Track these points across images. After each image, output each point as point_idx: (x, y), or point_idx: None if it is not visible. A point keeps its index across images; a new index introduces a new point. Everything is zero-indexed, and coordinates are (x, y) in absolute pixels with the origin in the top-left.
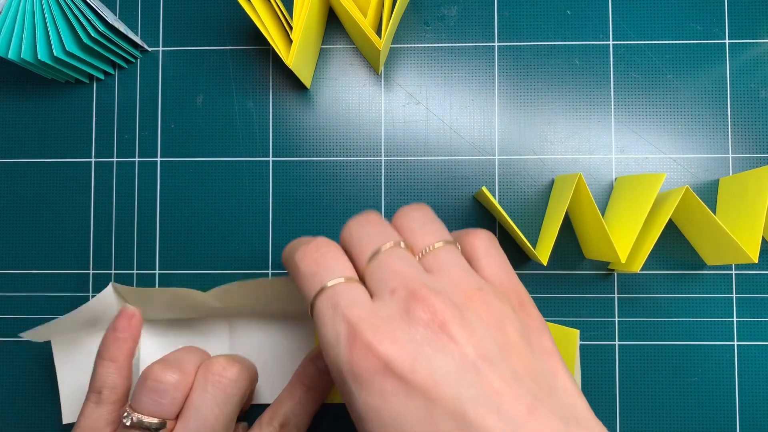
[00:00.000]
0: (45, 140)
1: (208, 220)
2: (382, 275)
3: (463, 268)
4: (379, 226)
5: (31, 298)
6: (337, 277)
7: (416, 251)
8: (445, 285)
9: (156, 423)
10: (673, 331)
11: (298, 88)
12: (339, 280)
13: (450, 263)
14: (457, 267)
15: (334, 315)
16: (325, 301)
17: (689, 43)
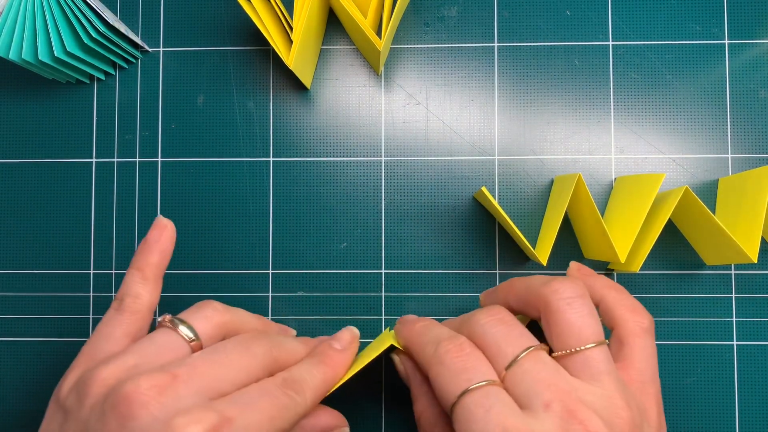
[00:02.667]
0: (45, 140)
1: (208, 220)
2: (530, 384)
3: (615, 379)
4: (513, 326)
5: (31, 298)
6: (485, 378)
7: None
8: (599, 400)
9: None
10: (672, 330)
11: (299, 89)
12: (488, 381)
13: (602, 371)
14: (610, 377)
15: (486, 417)
16: (477, 401)
17: (688, 44)
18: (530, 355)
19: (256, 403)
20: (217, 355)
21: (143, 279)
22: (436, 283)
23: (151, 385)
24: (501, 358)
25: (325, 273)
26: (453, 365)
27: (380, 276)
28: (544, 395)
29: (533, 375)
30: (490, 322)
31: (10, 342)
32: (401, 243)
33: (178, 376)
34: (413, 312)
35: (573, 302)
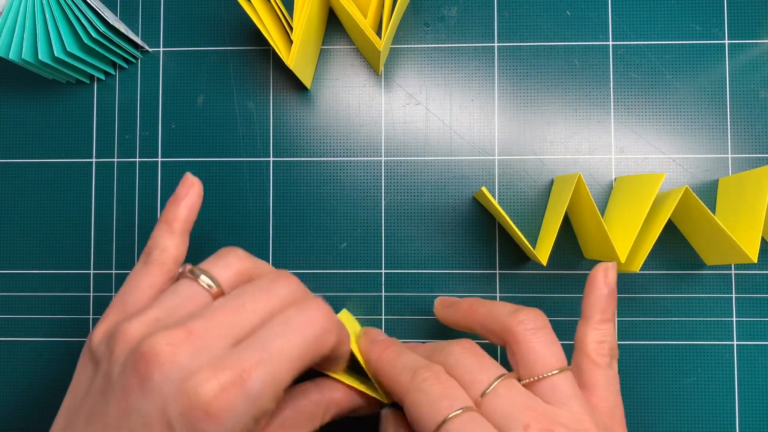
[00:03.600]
0: (45, 140)
1: (208, 220)
2: (507, 409)
3: (582, 403)
4: (483, 357)
5: (31, 298)
6: (464, 404)
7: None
8: (570, 423)
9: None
10: (672, 330)
11: (299, 89)
12: (466, 408)
13: (569, 395)
14: (576, 400)
15: None
16: (458, 427)
17: (689, 44)
18: (504, 382)
19: (276, 344)
20: (236, 300)
21: (170, 232)
22: (436, 283)
23: (167, 342)
24: (476, 385)
25: (325, 273)
26: (432, 392)
27: (380, 276)
28: (521, 419)
29: (509, 400)
30: (463, 353)
31: (10, 342)
32: (401, 243)
33: (194, 331)
34: (413, 312)
35: (537, 332)
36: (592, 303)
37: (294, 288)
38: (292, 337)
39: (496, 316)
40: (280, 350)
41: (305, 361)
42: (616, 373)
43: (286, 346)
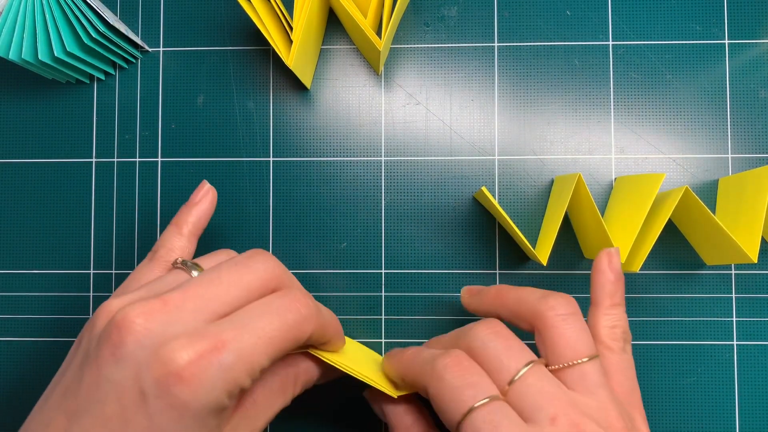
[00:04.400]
0: (45, 140)
1: (209, 220)
2: (534, 398)
3: (608, 391)
4: (511, 339)
5: (31, 298)
6: (489, 394)
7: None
8: (596, 412)
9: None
10: (672, 330)
11: (299, 89)
12: (492, 397)
13: (597, 384)
14: (603, 390)
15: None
16: (484, 418)
17: (689, 44)
18: (533, 369)
19: (254, 323)
20: (213, 273)
21: (179, 234)
22: (436, 283)
23: (140, 311)
24: (504, 372)
25: (325, 273)
26: (454, 381)
27: (380, 276)
28: (549, 409)
29: (537, 389)
30: (489, 335)
31: (10, 342)
32: (401, 243)
33: (169, 301)
34: (413, 312)
35: (568, 318)
36: (599, 289)
37: (271, 265)
38: (271, 319)
39: (526, 301)
40: (257, 329)
41: (283, 344)
42: (630, 356)
43: (266, 327)
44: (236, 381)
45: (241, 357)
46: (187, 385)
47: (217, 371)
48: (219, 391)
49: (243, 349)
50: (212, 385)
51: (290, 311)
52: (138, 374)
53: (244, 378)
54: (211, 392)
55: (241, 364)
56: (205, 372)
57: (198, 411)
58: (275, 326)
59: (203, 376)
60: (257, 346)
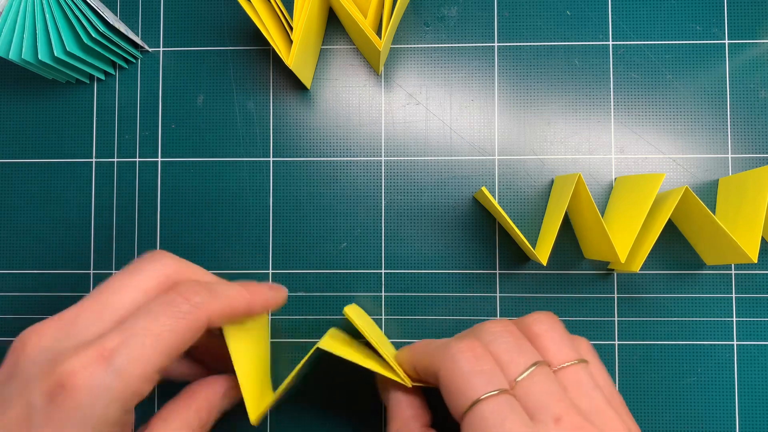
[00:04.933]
0: (45, 140)
1: (208, 220)
2: (540, 397)
3: (601, 394)
4: (522, 339)
5: (31, 298)
6: (501, 386)
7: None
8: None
9: None
10: (672, 330)
11: (299, 89)
12: (502, 390)
13: (590, 386)
14: (596, 392)
15: (502, 427)
16: (493, 409)
17: (689, 44)
18: (540, 369)
19: (139, 324)
20: (107, 282)
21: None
22: (436, 283)
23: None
24: (512, 366)
25: (325, 273)
26: (466, 366)
27: (380, 276)
28: (554, 409)
29: (544, 388)
30: (502, 332)
31: (10, 342)
32: (401, 243)
33: (63, 317)
34: (413, 312)
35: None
36: None
37: (164, 263)
38: (155, 317)
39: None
40: (144, 329)
41: (175, 338)
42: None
43: (150, 326)
44: (130, 387)
45: (131, 360)
46: (70, 394)
47: (106, 378)
48: (108, 400)
49: (132, 352)
50: (99, 393)
51: (175, 305)
52: (26, 389)
53: (140, 383)
54: (97, 401)
55: (133, 368)
56: (91, 380)
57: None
58: (161, 322)
59: (88, 384)
60: (145, 347)
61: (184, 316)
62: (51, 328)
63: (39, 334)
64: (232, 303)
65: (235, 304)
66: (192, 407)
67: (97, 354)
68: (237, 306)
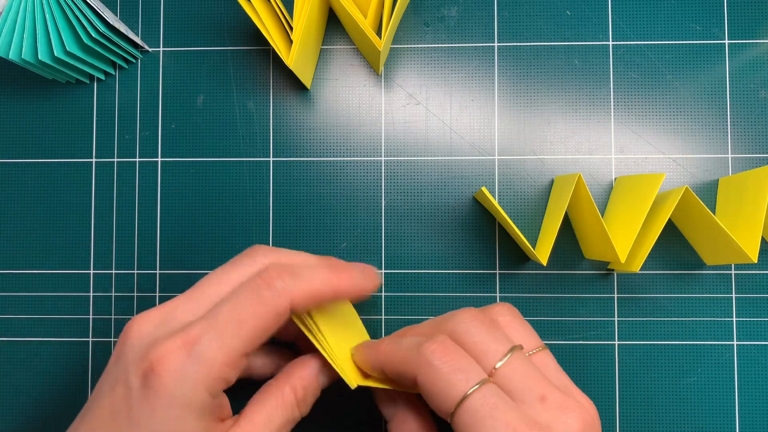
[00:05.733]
0: (45, 140)
1: (208, 220)
2: (522, 380)
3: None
4: (492, 326)
5: (31, 298)
6: (481, 377)
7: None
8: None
9: None
10: (672, 330)
11: (299, 89)
12: (484, 380)
13: (555, 368)
14: (562, 373)
15: (493, 416)
16: (480, 401)
17: (689, 44)
18: (517, 354)
19: (221, 311)
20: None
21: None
22: (436, 283)
23: (138, 319)
24: (490, 356)
25: None
26: (445, 366)
27: (380, 276)
28: (536, 390)
29: (522, 371)
30: (474, 322)
31: (10, 342)
32: (401, 243)
33: (164, 307)
34: (413, 312)
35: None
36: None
37: (259, 258)
38: (236, 304)
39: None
40: (226, 315)
41: (256, 323)
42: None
43: (233, 311)
44: (214, 373)
45: (212, 347)
46: (158, 377)
47: (187, 363)
48: (193, 383)
49: (213, 340)
50: (184, 377)
51: (257, 291)
52: (126, 371)
53: (221, 368)
54: (182, 384)
55: (216, 354)
56: (176, 365)
57: (170, 406)
58: (243, 308)
59: (174, 368)
60: (227, 333)
61: (265, 301)
62: (153, 317)
63: (141, 321)
64: (318, 288)
65: (320, 288)
66: (288, 384)
67: (182, 341)
68: (323, 291)
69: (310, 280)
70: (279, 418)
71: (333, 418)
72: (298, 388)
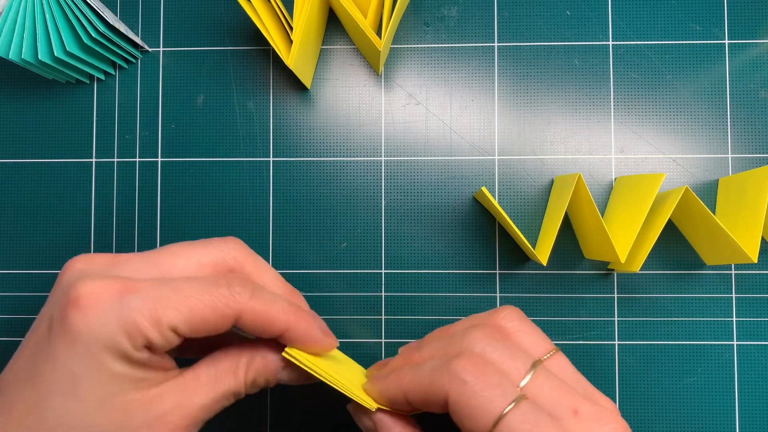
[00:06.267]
0: (45, 140)
1: (209, 220)
2: (551, 395)
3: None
4: (506, 342)
5: (31, 298)
6: (515, 394)
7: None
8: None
9: None
10: (672, 330)
11: (299, 89)
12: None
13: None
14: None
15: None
16: (520, 418)
17: (689, 44)
18: (540, 368)
19: (175, 282)
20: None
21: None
22: (436, 283)
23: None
24: (513, 373)
25: (325, 273)
26: (478, 382)
27: (380, 276)
28: (566, 403)
29: (549, 386)
30: (488, 340)
31: (10, 342)
32: (401, 243)
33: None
34: (413, 312)
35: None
36: None
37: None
38: (193, 284)
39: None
40: (172, 286)
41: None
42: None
43: (183, 287)
44: (137, 325)
45: (147, 304)
46: (80, 311)
47: (116, 306)
48: (113, 327)
49: (152, 298)
50: (106, 317)
51: (215, 285)
52: (54, 305)
53: (148, 327)
54: (103, 324)
55: (146, 310)
56: (102, 303)
57: (88, 342)
58: (194, 290)
59: (99, 306)
60: (169, 300)
61: (217, 297)
62: (97, 260)
63: (84, 260)
64: (271, 315)
65: (273, 316)
66: (245, 357)
67: (121, 286)
68: (274, 319)
69: (267, 304)
70: (225, 385)
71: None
72: (252, 369)
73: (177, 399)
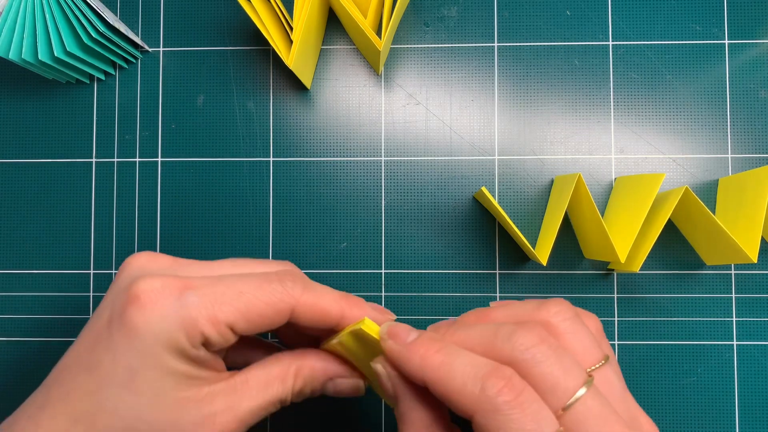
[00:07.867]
0: (45, 140)
1: (208, 220)
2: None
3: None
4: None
5: (31, 298)
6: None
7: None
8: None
9: None
10: (672, 330)
11: (299, 89)
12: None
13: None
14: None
15: None
16: None
17: (689, 44)
18: (592, 390)
19: (231, 279)
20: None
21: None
22: (436, 283)
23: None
24: (559, 392)
25: (325, 273)
26: (513, 412)
27: (380, 276)
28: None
29: (597, 413)
30: (541, 348)
31: (10, 342)
32: (401, 243)
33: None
34: (413, 312)
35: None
36: None
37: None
38: (248, 280)
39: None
40: (229, 282)
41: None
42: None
43: (238, 283)
44: (195, 322)
45: (204, 301)
46: (140, 307)
47: (175, 303)
48: (172, 324)
49: (209, 295)
50: (165, 316)
51: (268, 281)
52: (115, 297)
53: (206, 324)
54: (162, 322)
55: (203, 307)
56: (162, 300)
57: (147, 338)
58: (249, 286)
59: (158, 302)
60: (225, 296)
61: (271, 293)
62: (160, 259)
63: (148, 258)
64: (324, 306)
65: (325, 307)
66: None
67: (180, 284)
68: (328, 309)
69: (319, 295)
70: (273, 391)
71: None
72: (300, 378)
73: (227, 400)
